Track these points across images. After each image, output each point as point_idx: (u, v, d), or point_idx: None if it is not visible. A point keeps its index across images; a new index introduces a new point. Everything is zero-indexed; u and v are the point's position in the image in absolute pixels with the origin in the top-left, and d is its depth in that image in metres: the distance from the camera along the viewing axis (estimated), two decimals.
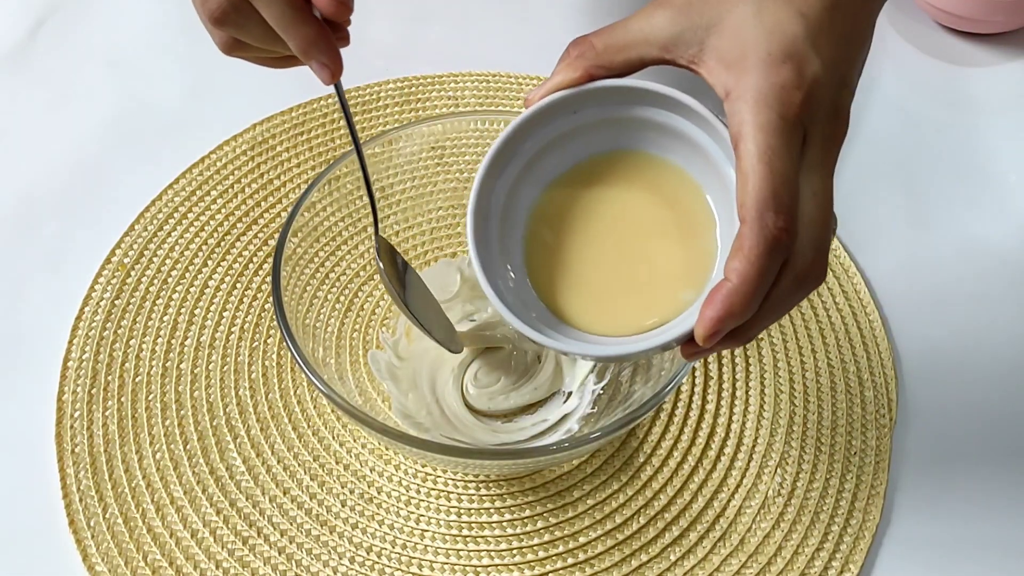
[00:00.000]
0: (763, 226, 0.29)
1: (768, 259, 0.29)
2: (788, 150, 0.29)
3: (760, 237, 0.29)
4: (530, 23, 0.70)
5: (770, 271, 0.29)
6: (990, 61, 0.69)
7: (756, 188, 0.29)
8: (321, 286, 0.49)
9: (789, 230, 0.29)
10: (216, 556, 0.44)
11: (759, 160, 0.29)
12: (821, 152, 0.30)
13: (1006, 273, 0.56)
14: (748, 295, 0.29)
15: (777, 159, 0.29)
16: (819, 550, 0.45)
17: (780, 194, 0.29)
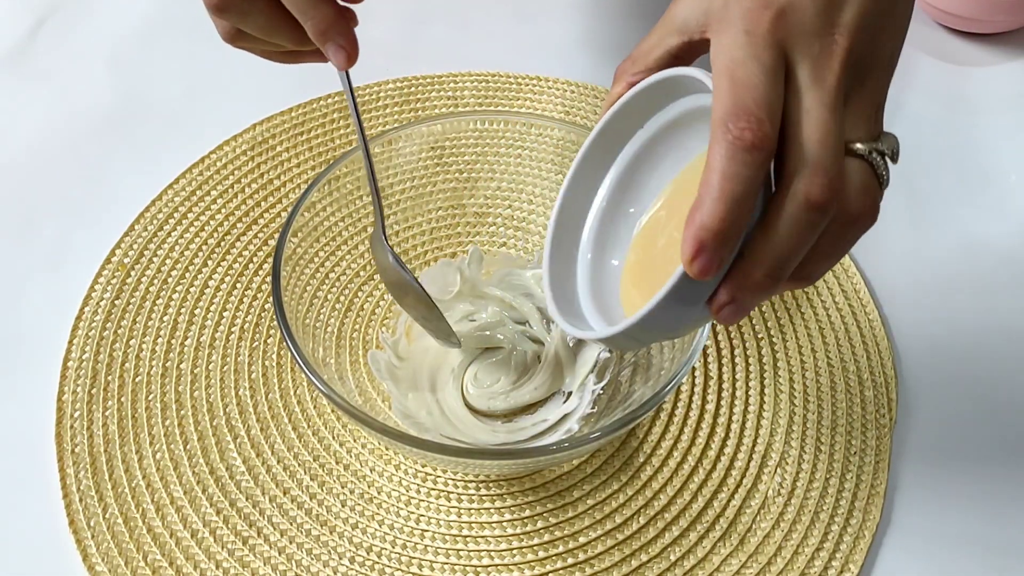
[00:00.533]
0: (724, 132, 0.27)
1: (731, 163, 0.27)
2: (755, 62, 0.28)
3: (720, 143, 0.27)
4: (530, 23, 0.70)
5: (737, 176, 0.27)
6: (990, 61, 0.69)
7: (718, 101, 0.28)
8: (321, 286, 0.49)
9: (754, 130, 0.27)
10: (216, 556, 0.44)
11: (721, 75, 0.29)
12: (811, 71, 0.29)
13: (1006, 272, 0.56)
14: (717, 202, 0.27)
15: (739, 69, 0.28)
16: (819, 550, 0.45)
17: (742, 99, 0.28)
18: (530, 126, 0.50)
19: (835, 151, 0.29)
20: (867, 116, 0.31)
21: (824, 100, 0.29)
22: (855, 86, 0.30)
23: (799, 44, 0.29)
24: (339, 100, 0.63)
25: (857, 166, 0.30)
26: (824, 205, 0.28)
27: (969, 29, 0.69)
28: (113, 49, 0.67)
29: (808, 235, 0.29)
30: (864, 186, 0.30)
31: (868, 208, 0.30)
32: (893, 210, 0.59)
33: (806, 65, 0.29)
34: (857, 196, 0.30)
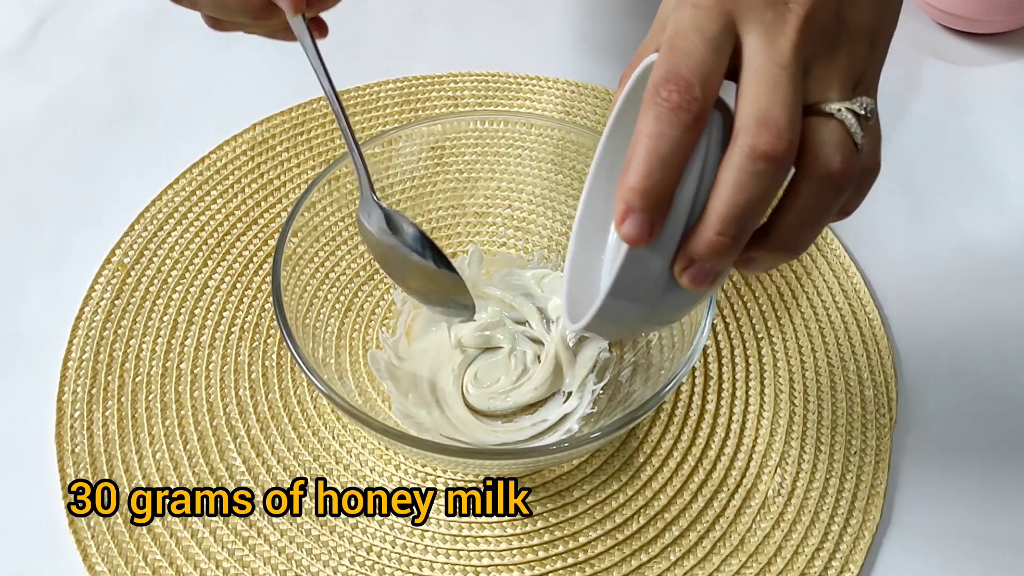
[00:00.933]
0: (654, 96, 0.28)
1: (656, 124, 0.27)
2: (696, 32, 0.28)
3: (649, 108, 0.28)
4: (530, 23, 0.70)
5: (662, 136, 0.27)
6: (990, 61, 0.69)
7: (655, 71, 0.28)
8: (321, 286, 0.49)
9: (681, 91, 0.27)
10: (216, 556, 0.44)
11: (664, 45, 0.29)
12: (762, 37, 0.29)
13: (1006, 272, 0.56)
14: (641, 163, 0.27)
15: (680, 38, 0.28)
16: (819, 550, 0.45)
17: (676, 66, 0.28)
18: (530, 126, 0.50)
19: (784, 102, 0.28)
20: (840, 81, 0.30)
21: (774, 58, 0.29)
22: (821, 54, 0.30)
23: (750, 14, 0.29)
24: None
25: (827, 124, 0.29)
26: (771, 154, 0.27)
27: (969, 29, 0.69)
28: (113, 49, 0.67)
29: (756, 186, 0.28)
30: (835, 144, 0.29)
31: (842, 166, 0.29)
32: (893, 210, 0.59)
33: (757, 33, 0.29)
34: (828, 154, 0.29)
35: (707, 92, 0.28)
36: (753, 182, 0.28)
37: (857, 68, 0.31)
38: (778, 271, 0.55)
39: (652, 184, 0.27)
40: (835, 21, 0.30)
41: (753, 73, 0.29)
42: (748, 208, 0.28)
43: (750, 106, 0.28)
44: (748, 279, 0.54)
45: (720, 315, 0.53)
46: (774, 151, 0.27)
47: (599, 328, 0.32)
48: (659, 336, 0.48)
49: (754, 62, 0.29)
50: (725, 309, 0.53)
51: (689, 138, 0.28)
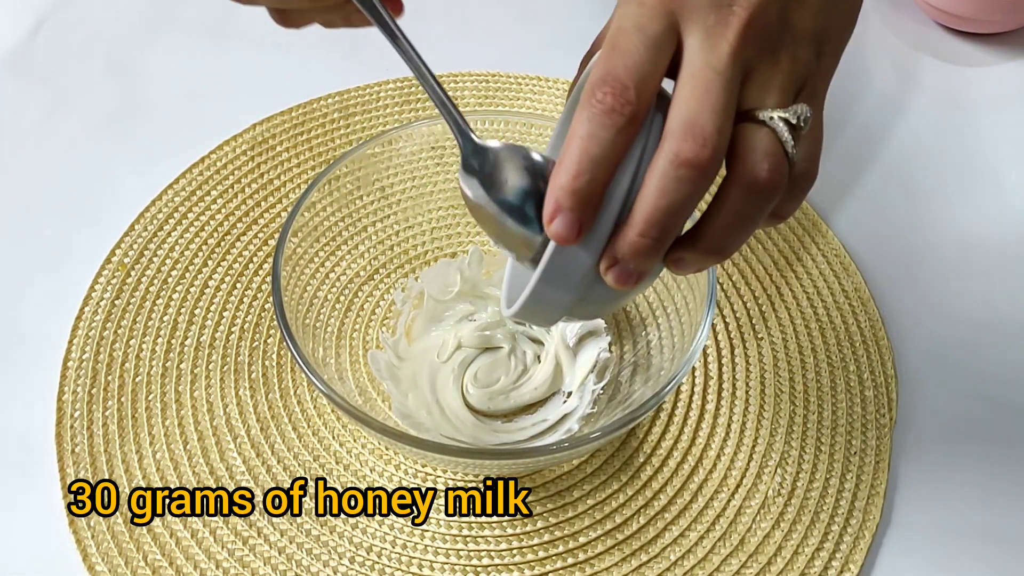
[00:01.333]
0: (589, 97, 0.28)
1: (588, 125, 0.28)
2: (637, 32, 0.28)
3: (583, 108, 0.28)
4: (530, 23, 0.70)
5: (593, 137, 0.28)
6: (990, 61, 0.69)
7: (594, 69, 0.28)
8: (321, 286, 0.49)
9: (616, 95, 0.27)
10: (216, 556, 0.44)
11: (605, 44, 0.29)
12: (702, 39, 0.29)
13: (1006, 272, 0.56)
14: (570, 164, 0.28)
15: (621, 36, 0.28)
16: (819, 550, 0.45)
17: (613, 66, 0.28)
18: (530, 126, 0.50)
19: (713, 111, 0.28)
20: (779, 89, 0.30)
21: (710, 62, 0.29)
22: (763, 58, 0.30)
23: (693, 15, 0.29)
24: (339, 100, 0.63)
25: (758, 132, 0.29)
26: (693, 161, 0.28)
27: (969, 29, 0.69)
28: (113, 49, 0.67)
29: (679, 191, 0.28)
30: (765, 152, 0.29)
31: (771, 175, 0.29)
32: (893, 209, 0.59)
33: (698, 35, 0.29)
34: (757, 162, 0.29)
35: (642, 95, 0.28)
36: (676, 187, 0.28)
37: (800, 73, 0.31)
38: (778, 271, 0.55)
39: (581, 184, 0.28)
40: (779, 24, 0.30)
41: (689, 77, 0.29)
42: (670, 212, 0.28)
43: (680, 111, 0.28)
44: (748, 279, 0.54)
45: (720, 315, 0.53)
46: (697, 158, 0.28)
47: (530, 315, 0.33)
48: (659, 336, 0.48)
49: (691, 65, 0.29)
50: (725, 309, 0.53)
51: (621, 140, 0.28)
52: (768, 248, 0.56)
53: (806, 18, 0.30)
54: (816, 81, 0.31)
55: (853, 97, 0.64)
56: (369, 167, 0.49)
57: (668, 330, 0.48)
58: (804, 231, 0.57)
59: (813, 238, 0.56)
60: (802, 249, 0.56)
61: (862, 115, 0.64)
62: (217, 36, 0.67)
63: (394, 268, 0.53)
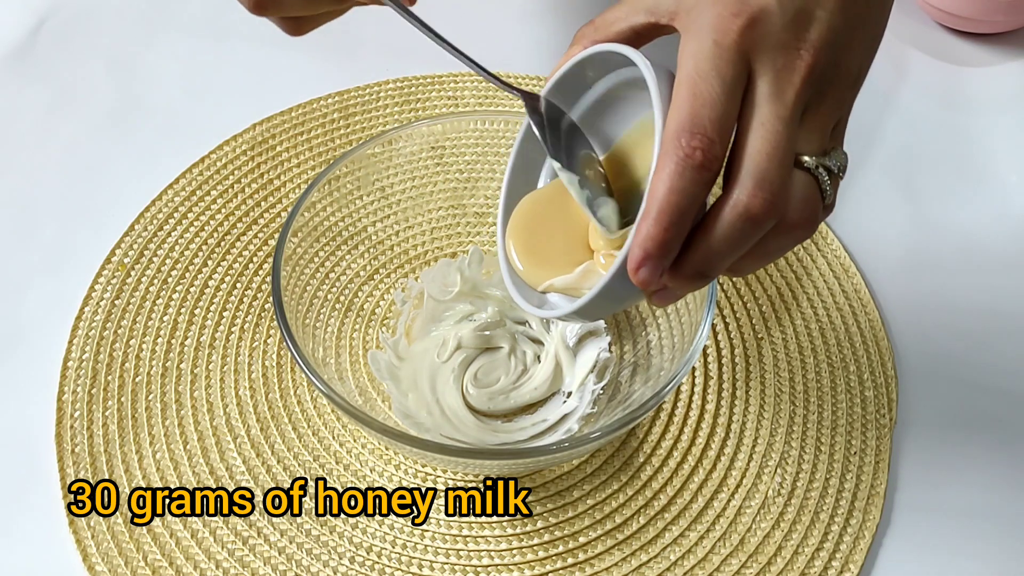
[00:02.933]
0: (676, 147, 0.29)
1: (678, 179, 0.28)
2: (717, 75, 0.29)
3: (669, 157, 0.29)
4: (530, 23, 0.70)
5: (684, 192, 0.29)
6: (990, 61, 0.69)
7: (675, 112, 0.29)
8: (321, 286, 0.49)
9: (705, 151, 0.28)
10: (216, 556, 0.44)
11: (683, 85, 0.29)
12: (772, 84, 0.30)
13: (1006, 272, 0.56)
14: (661, 215, 0.29)
15: (703, 82, 0.29)
16: (819, 550, 0.45)
17: (699, 116, 0.29)
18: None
19: (782, 165, 0.29)
20: (822, 130, 0.31)
21: (780, 113, 0.30)
22: (815, 100, 0.31)
23: (764, 56, 0.30)
24: (339, 100, 0.63)
25: (802, 178, 0.31)
26: (762, 219, 0.29)
27: (969, 29, 0.69)
28: (113, 49, 0.67)
29: (742, 242, 0.30)
30: (805, 199, 0.31)
31: (806, 220, 0.31)
32: (893, 210, 0.59)
33: (768, 78, 0.30)
34: (797, 207, 0.31)
35: (725, 147, 0.29)
36: (740, 238, 0.30)
37: (839, 112, 0.32)
38: (778, 272, 0.55)
39: (671, 236, 0.29)
40: (834, 68, 0.31)
41: (759, 126, 0.30)
42: (729, 256, 0.30)
43: (751, 163, 0.29)
44: (748, 280, 0.54)
45: (720, 315, 0.53)
46: (765, 217, 0.29)
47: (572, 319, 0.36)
48: (659, 336, 0.48)
49: (762, 113, 0.30)
50: (725, 309, 0.53)
51: (705, 193, 0.29)
52: None
53: (852, 60, 0.32)
54: (845, 118, 0.33)
55: None
56: (369, 167, 0.49)
57: (668, 330, 0.48)
58: None
59: (813, 239, 0.56)
60: (802, 250, 0.56)
61: (862, 115, 0.64)
62: (217, 36, 0.67)
63: (394, 268, 0.53)
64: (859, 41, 0.32)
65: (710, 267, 0.30)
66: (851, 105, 0.33)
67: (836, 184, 0.32)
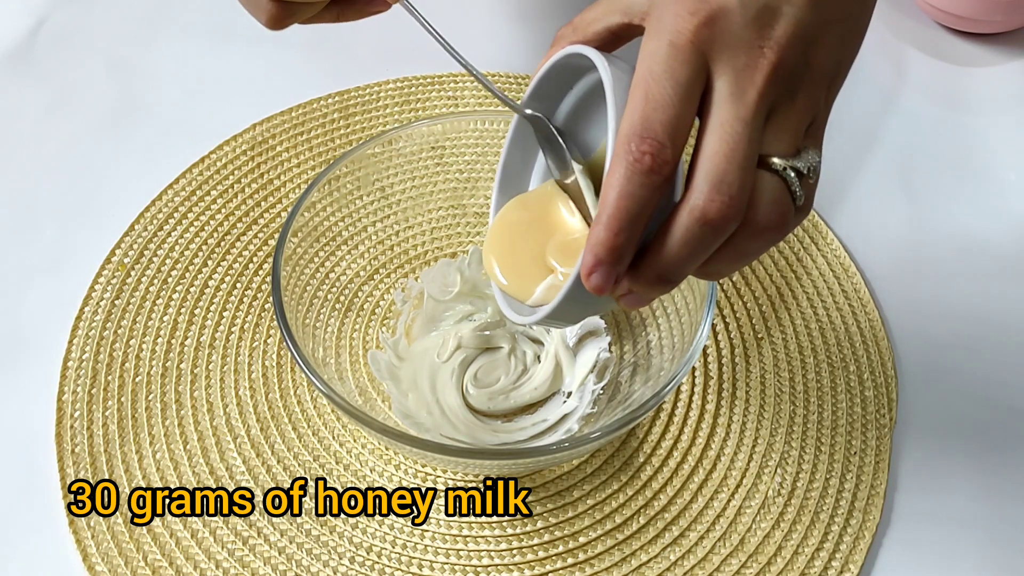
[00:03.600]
0: (626, 151, 0.28)
1: (627, 183, 0.28)
2: (670, 76, 0.28)
3: (619, 162, 0.28)
4: (530, 23, 0.70)
5: (633, 196, 0.28)
6: (990, 61, 0.69)
7: (627, 116, 0.29)
8: (321, 286, 0.49)
9: (655, 155, 0.28)
10: (216, 556, 0.44)
11: (636, 87, 0.29)
12: (732, 84, 0.29)
13: (1006, 272, 0.56)
14: (611, 220, 0.28)
15: (655, 84, 0.28)
16: (819, 550, 0.45)
17: (649, 120, 0.28)
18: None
19: (740, 167, 0.29)
20: (793, 131, 0.30)
21: (739, 114, 0.29)
22: (783, 99, 0.30)
23: (723, 55, 0.29)
24: (339, 100, 0.63)
25: (770, 180, 0.30)
26: (719, 223, 0.29)
27: (969, 29, 0.69)
28: (113, 49, 0.67)
29: (702, 247, 0.29)
30: (774, 200, 0.30)
31: (775, 223, 0.30)
32: (893, 210, 0.59)
33: (727, 77, 0.29)
34: (765, 209, 0.30)
35: (677, 150, 0.29)
36: (698, 241, 0.29)
37: (813, 112, 0.31)
38: (778, 271, 0.55)
39: (621, 242, 0.29)
40: (802, 65, 0.30)
41: (717, 127, 0.29)
42: (690, 261, 0.30)
43: (708, 165, 0.29)
44: (748, 280, 0.54)
45: (720, 315, 0.53)
46: (723, 218, 0.29)
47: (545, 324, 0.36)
48: (659, 336, 0.48)
49: (720, 113, 0.29)
50: (725, 309, 0.53)
51: (657, 196, 0.29)
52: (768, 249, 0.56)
53: (823, 57, 0.31)
54: (821, 116, 0.32)
55: (852, 97, 0.64)
56: (369, 167, 0.49)
57: (668, 330, 0.48)
58: (804, 232, 0.57)
59: (813, 239, 0.56)
60: (802, 250, 0.56)
61: (862, 115, 0.64)
62: (217, 36, 0.67)
63: (394, 268, 0.53)
64: (834, 36, 0.31)
65: (671, 272, 0.30)
66: (828, 103, 0.32)
67: (809, 186, 0.31)
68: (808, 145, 0.31)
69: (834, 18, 0.31)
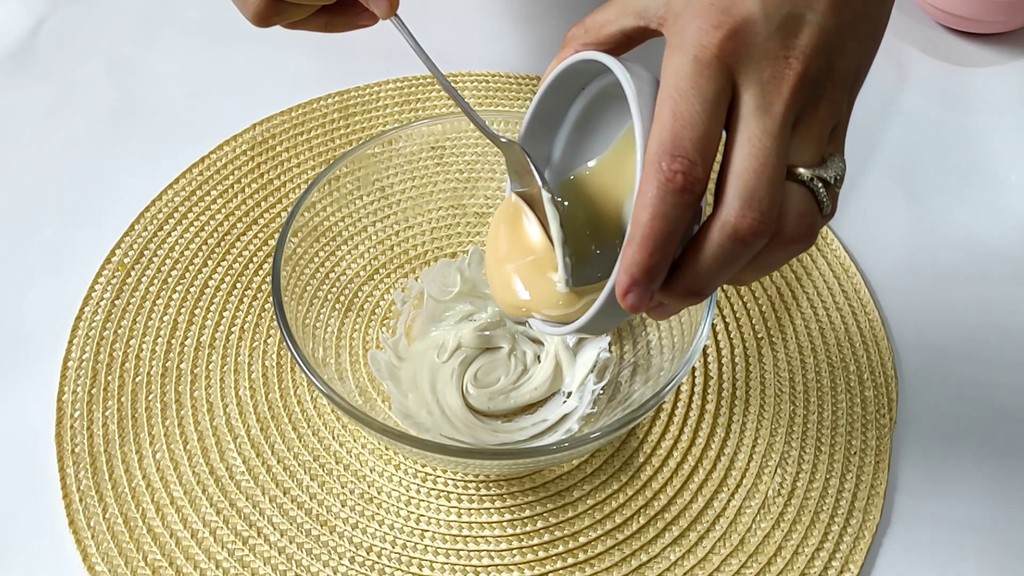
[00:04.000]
0: (657, 170, 0.28)
1: (660, 204, 0.28)
2: (698, 93, 0.28)
3: (651, 182, 0.28)
4: (530, 23, 0.70)
5: (667, 217, 0.28)
6: (990, 61, 0.69)
7: (656, 133, 0.29)
8: (321, 286, 0.49)
9: (686, 173, 0.28)
10: (216, 556, 0.44)
11: (663, 104, 0.29)
12: (759, 97, 0.29)
13: (1006, 272, 0.56)
14: (645, 241, 0.28)
15: (683, 102, 0.28)
16: (819, 550, 0.45)
17: (679, 138, 0.28)
18: None
19: (771, 182, 0.29)
20: (818, 138, 0.30)
21: (768, 127, 0.29)
22: (808, 108, 0.30)
23: (749, 68, 0.29)
24: (339, 100, 0.63)
25: (797, 191, 0.30)
26: (751, 239, 0.29)
27: (969, 29, 0.69)
28: (113, 49, 0.67)
29: (733, 261, 0.30)
30: (801, 211, 0.30)
31: (803, 233, 0.30)
32: (893, 210, 0.59)
33: (754, 91, 0.29)
34: (793, 220, 0.30)
35: (707, 168, 0.29)
36: (731, 258, 0.29)
37: (836, 117, 0.31)
38: (778, 272, 0.55)
39: (656, 262, 0.29)
40: (827, 73, 0.30)
41: (745, 142, 0.29)
42: (720, 276, 0.30)
43: (738, 181, 0.29)
44: None
45: (720, 315, 0.53)
46: (755, 234, 0.29)
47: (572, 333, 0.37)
48: (659, 336, 0.48)
49: (748, 128, 0.29)
50: (725, 309, 0.53)
51: (689, 215, 0.29)
52: None
53: (845, 62, 0.31)
54: (844, 121, 0.32)
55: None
56: (369, 167, 0.49)
57: (668, 330, 0.48)
58: None
59: None
60: None
61: (862, 115, 0.64)
62: (217, 36, 0.67)
63: (394, 268, 0.53)
64: (855, 41, 0.31)
65: (703, 286, 0.30)
66: (850, 107, 0.32)
67: (834, 194, 0.31)
68: (833, 152, 0.31)
69: (855, 21, 0.31)
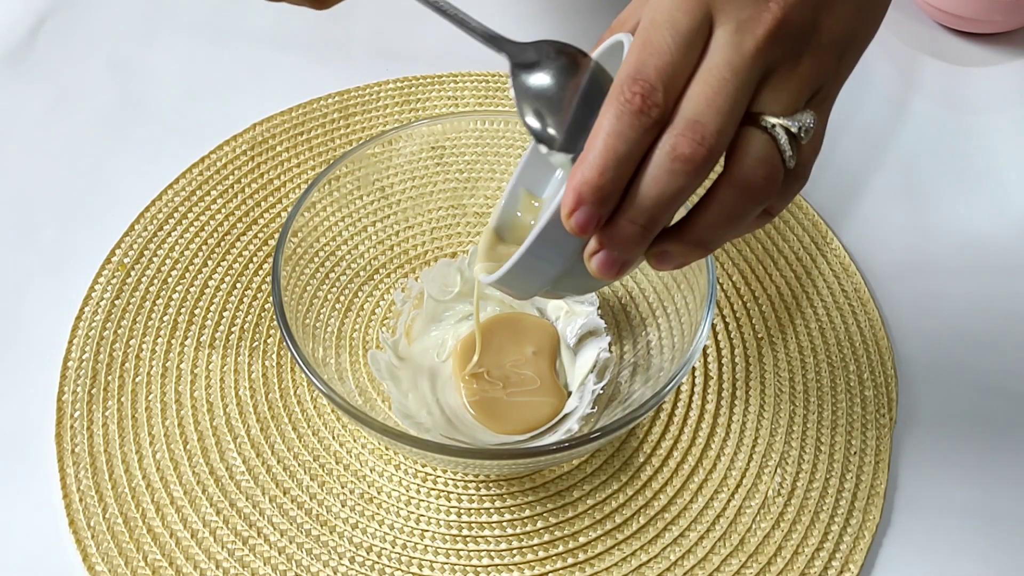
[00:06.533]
0: (619, 93, 0.28)
1: (615, 122, 0.28)
2: (671, 24, 0.29)
3: (610, 104, 0.28)
4: (530, 23, 0.70)
5: (620, 136, 0.28)
6: (990, 61, 0.69)
7: (625, 63, 0.29)
8: (321, 286, 0.49)
9: (645, 95, 0.28)
10: (216, 556, 0.44)
11: (638, 36, 0.29)
12: (731, 34, 0.29)
13: (1006, 272, 0.56)
14: (596, 159, 0.28)
15: (654, 32, 0.29)
16: (819, 550, 0.45)
17: (644, 64, 0.28)
18: None
19: (720, 112, 0.28)
20: (792, 94, 0.30)
21: (730, 60, 0.29)
22: (786, 60, 0.30)
23: (727, 7, 0.29)
24: (339, 100, 0.63)
25: (758, 136, 0.29)
26: (688, 157, 0.28)
27: (969, 29, 0.69)
28: (113, 49, 0.67)
29: (671, 184, 0.28)
30: (760, 157, 0.29)
31: (762, 181, 0.30)
32: (893, 210, 0.59)
33: (728, 27, 0.29)
34: (751, 164, 0.29)
35: (669, 96, 0.28)
36: (669, 179, 0.29)
37: (819, 79, 0.31)
38: (778, 271, 0.55)
39: (606, 182, 0.28)
40: (809, 27, 0.30)
41: (705, 71, 0.29)
42: (660, 202, 0.29)
43: (687, 104, 0.29)
44: (748, 279, 0.54)
45: (720, 315, 0.53)
46: (692, 156, 0.28)
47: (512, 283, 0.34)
48: (659, 336, 0.48)
49: (711, 59, 0.29)
50: (725, 309, 0.53)
51: (646, 140, 0.28)
52: (768, 248, 0.56)
53: (835, 23, 0.30)
54: (830, 87, 0.31)
55: (853, 97, 0.64)
56: (369, 167, 0.49)
57: (668, 330, 0.48)
58: (804, 231, 0.57)
59: (813, 239, 0.56)
60: (802, 249, 0.56)
61: (862, 115, 0.64)
62: (217, 36, 0.67)
63: (394, 268, 0.53)
64: (849, 5, 0.31)
65: (643, 216, 0.29)
66: (840, 76, 0.32)
67: (801, 149, 0.30)
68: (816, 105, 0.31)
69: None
